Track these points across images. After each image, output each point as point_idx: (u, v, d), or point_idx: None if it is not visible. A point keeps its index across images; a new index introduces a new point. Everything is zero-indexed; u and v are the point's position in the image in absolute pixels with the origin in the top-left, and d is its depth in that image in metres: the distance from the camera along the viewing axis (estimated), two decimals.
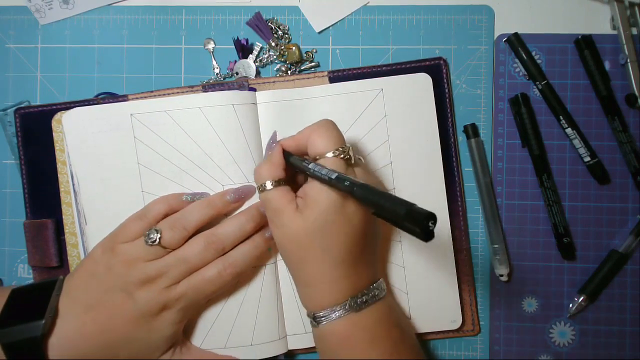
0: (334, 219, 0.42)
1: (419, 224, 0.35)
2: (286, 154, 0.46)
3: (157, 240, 0.44)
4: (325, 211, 0.42)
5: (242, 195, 0.48)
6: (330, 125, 0.45)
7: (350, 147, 0.44)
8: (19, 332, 0.42)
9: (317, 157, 0.44)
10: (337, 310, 0.43)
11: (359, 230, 0.43)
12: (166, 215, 0.46)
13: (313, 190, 0.43)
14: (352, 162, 0.44)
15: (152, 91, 0.52)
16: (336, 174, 0.41)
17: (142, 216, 0.46)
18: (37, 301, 0.44)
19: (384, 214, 0.40)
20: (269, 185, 0.44)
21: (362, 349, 0.43)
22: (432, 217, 0.35)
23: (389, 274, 0.52)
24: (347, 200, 0.43)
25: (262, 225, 0.49)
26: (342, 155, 0.43)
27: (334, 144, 0.44)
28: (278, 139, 0.50)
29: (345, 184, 0.40)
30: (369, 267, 0.46)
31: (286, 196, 0.44)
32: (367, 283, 0.45)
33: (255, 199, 0.50)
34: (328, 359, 0.45)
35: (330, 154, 0.43)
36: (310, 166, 0.43)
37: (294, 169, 0.46)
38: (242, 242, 0.48)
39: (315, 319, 0.44)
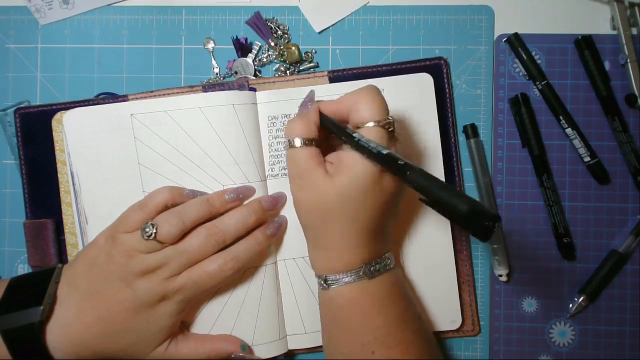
0: (368, 190, 0.41)
1: (482, 225, 0.32)
2: (323, 117, 0.44)
3: (153, 234, 0.44)
4: (360, 180, 0.41)
5: (240, 195, 0.48)
6: (377, 93, 0.43)
7: (394, 119, 0.43)
8: (17, 318, 0.43)
9: (360, 126, 0.42)
10: (350, 276, 0.43)
11: (389, 202, 0.43)
12: (166, 207, 0.46)
13: (349, 157, 0.42)
14: (395, 135, 0.43)
15: (152, 91, 0.52)
16: (387, 151, 0.39)
17: (142, 206, 0.46)
18: (35, 289, 0.44)
19: (439, 207, 0.37)
20: (298, 142, 0.43)
21: (369, 314, 0.43)
22: (497, 219, 0.33)
23: None
24: (384, 173, 0.42)
25: (263, 219, 0.49)
26: (387, 127, 0.42)
27: (381, 113, 0.42)
28: (315, 100, 0.47)
29: (399, 163, 0.38)
30: (386, 237, 0.46)
31: (316, 158, 0.43)
32: (381, 253, 0.45)
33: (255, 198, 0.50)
34: (332, 323, 0.45)
35: (371, 124, 0.42)
36: (355, 135, 0.41)
37: (330, 133, 0.44)
38: (243, 237, 0.47)
39: (325, 282, 0.44)
